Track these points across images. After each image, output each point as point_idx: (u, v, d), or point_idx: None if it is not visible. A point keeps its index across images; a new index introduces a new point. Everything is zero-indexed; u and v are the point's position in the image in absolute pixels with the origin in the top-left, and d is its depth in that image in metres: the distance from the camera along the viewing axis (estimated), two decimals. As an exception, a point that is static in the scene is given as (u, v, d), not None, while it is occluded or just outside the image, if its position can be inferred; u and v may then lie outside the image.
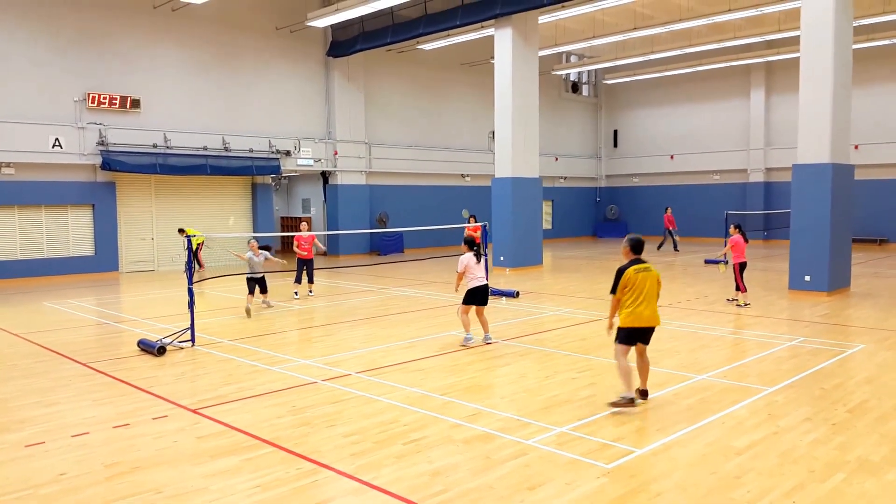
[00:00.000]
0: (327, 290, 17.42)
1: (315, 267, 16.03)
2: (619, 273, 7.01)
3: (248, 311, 13.00)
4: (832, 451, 5.74)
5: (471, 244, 10.07)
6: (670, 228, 27.14)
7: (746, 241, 13.59)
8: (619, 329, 7.02)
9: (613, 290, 7.05)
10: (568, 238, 35.07)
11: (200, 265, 21.48)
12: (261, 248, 13.76)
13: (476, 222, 19.54)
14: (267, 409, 7.10)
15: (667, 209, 27.91)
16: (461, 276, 10.12)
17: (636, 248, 7.14)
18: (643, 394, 7.18)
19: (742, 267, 13.40)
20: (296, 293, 15.48)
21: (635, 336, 7.02)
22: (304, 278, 15.62)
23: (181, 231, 20.78)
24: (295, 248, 15.67)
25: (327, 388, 7.92)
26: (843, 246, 15.07)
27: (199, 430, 6.51)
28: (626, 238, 7.26)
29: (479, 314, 10.20)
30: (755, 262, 21.92)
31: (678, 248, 27.16)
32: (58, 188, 19.77)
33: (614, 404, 6.90)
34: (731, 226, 13.76)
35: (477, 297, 10.02)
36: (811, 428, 6.33)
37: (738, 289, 13.49)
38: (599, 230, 36.82)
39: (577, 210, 36.26)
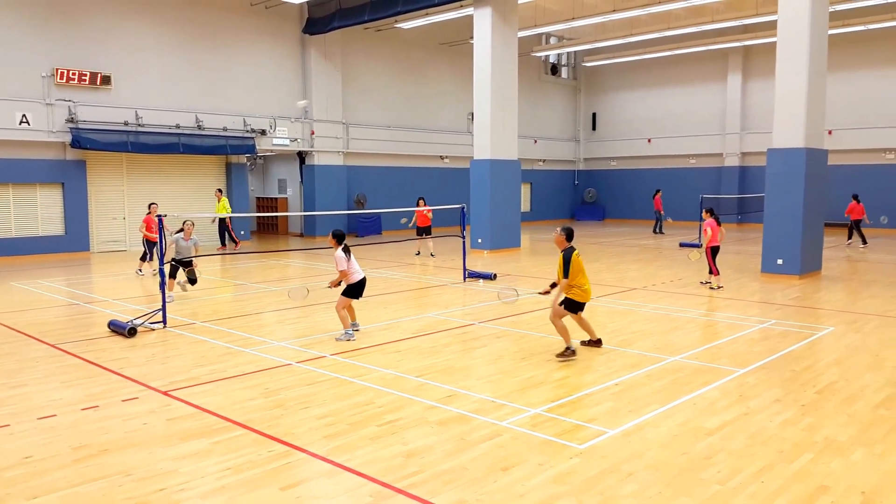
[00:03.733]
0: (304, 271, 17.30)
1: (292, 248, 16.06)
2: (568, 260, 8.04)
3: (182, 286, 12.90)
4: (801, 432, 5.82)
5: (339, 238, 9.34)
6: (659, 211, 27.35)
7: (719, 224, 13.67)
8: (575, 303, 8.23)
9: (566, 275, 8.05)
10: (546, 221, 35.13)
11: (235, 241, 21.84)
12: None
13: (426, 205, 19.34)
14: (239, 392, 7.03)
15: (657, 192, 28.09)
16: (345, 274, 9.24)
17: (571, 236, 8.34)
18: (599, 341, 8.70)
19: (715, 251, 13.51)
20: None
21: (582, 307, 8.35)
22: None
23: (219, 191, 21.25)
24: None
25: (302, 370, 7.86)
26: (816, 230, 15.26)
27: (169, 412, 6.43)
28: (563, 228, 8.36)
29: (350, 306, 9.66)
30: (729, 245, 22.15)
31: (662, 232, 27.39)
32: (26, 166, 19.32)
33: (561, 355, 8.12)
34: (704, 210, 13.81)
35: (358, 291, 9.44)
36: (781, 409, 6.41)
37: (711, 272, 13.62)
38: (578, 213, 36.96)
39: (555, 193, 36.34)
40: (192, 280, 12.86)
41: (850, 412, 6.32)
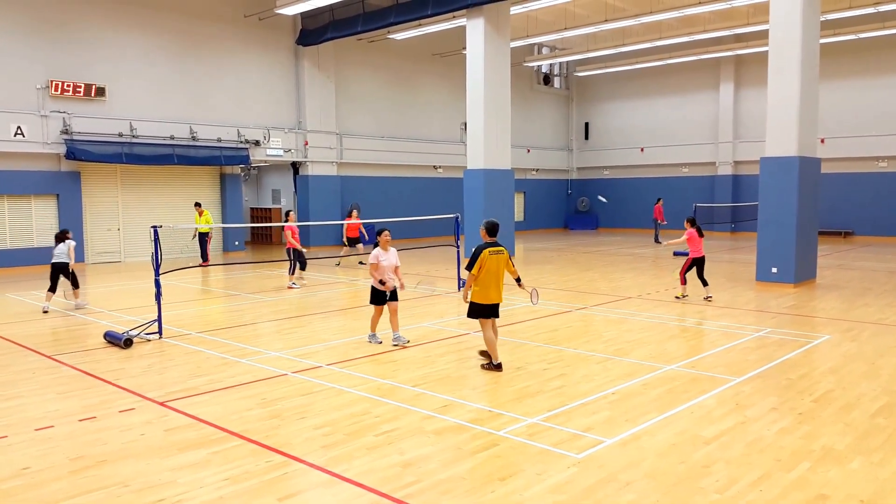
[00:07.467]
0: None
1: (286, 258, 15.76)
2: (477, 252, 7.79)
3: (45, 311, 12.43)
4: (798, 441, 5.83)
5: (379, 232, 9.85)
6: (658, 220, 27.16)
7: (701, 235, 13.14)
8: (471, 304, 7.95)
9: (470, 268, 7.80)
10: (539, 230, 35.22)
11: (206, 259, 19.79)
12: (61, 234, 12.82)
13: (358, 217, 19.03)
14: (236, 402, 7.02)
15: (658, 200, 28.01)
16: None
17: (492, 231, 8.04)
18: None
19: (698, 262, 13.03)
20: None
21: (486, 311, 7.93)
22: None
23: (198, 205, 20.24)
24: None
25: (298, 380, 7.85)
26: (810, 238, 15.32)
27: (166, 422, 6.41)
28: (484, 221, 8.07)
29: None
30: (723, 253, 22.25)
31: (659, 241, 27.14)
32: (20, 177, 19.28)
33: (484, 367, 8.07)
34: (686, 221, 13.34)
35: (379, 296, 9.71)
36: (777, 417, 6.43)
37: (697, 282, 13.22)
38: (571, 222, 37.05)
39: (548, 202, 36.43)
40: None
41: (847, 420, 6.34)
